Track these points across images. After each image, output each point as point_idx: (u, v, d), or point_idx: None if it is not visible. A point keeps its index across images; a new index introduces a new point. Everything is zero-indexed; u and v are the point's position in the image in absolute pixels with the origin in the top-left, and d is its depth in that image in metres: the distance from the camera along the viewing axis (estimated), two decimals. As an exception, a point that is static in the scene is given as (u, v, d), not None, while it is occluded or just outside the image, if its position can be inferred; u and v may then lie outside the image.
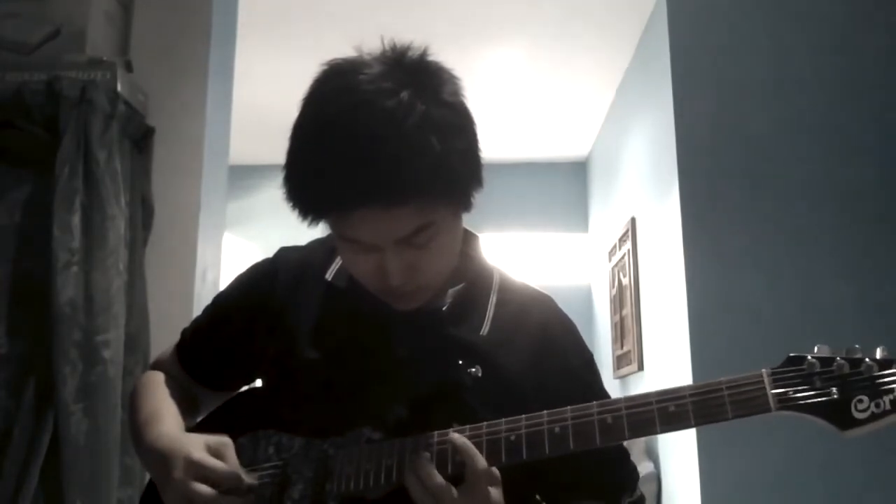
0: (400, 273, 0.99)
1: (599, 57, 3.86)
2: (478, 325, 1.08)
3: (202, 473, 0.96)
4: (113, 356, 1.90)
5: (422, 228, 0.96)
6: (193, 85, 2.30)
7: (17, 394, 1.84)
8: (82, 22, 2.13)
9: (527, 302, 1.14)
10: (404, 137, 0.92)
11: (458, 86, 1.01)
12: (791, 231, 2.83)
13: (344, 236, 1.00)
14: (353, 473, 0.98)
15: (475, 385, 1.00)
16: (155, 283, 2.12)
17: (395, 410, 0.99)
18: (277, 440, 1.07)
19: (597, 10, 3.44)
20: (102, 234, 1.93)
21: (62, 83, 1.98)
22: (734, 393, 0.87)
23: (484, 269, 1.14)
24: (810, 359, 0.86)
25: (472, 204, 1.02)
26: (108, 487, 1.85)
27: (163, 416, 1.11)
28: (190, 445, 0.99)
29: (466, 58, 3.78)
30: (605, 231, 4.54)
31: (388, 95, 0.93)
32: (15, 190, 1.96)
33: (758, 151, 2.91)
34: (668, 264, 3.09)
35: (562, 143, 4.99)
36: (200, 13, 2.37)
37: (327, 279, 1.13)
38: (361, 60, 0.98)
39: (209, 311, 1.25)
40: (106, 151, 1.98)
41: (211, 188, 2.31)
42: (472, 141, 1.01)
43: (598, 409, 0.92)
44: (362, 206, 0.93)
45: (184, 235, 2.21)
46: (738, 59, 2.99)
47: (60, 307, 1.85)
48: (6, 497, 1.76)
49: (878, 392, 0.83)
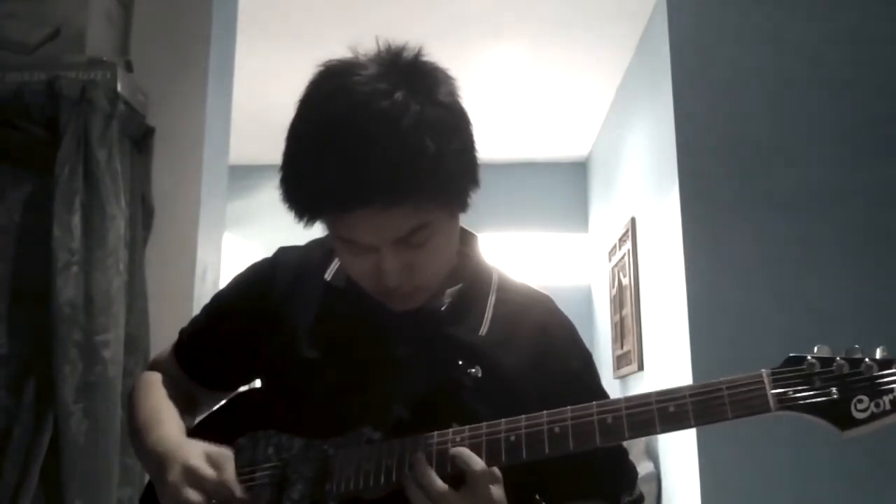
0: (397, 273, 0.99)
1: (600, 56, 3.86)
2: (476, 325, 1.08)
3: (197, 481, 0.96)
4: (113, 356, 1.90)
5: (418, 229, 0.96)
6: (193, 85, 2.31)
7: (17, 394, 1.84)
8: (82, 22, 2.13)
9: (526, 302, 1.14)
10: (399, 138, 0.92)
11: (453, 86, 1.01)
12: (791, 231, 2.83)
13: (340, 237, 1.00)
14: (352, 474, 0.98)
15: (475, 385, 0.99)
16: (155, 283, 2.12)
17: (395, 411, 0.99)
18: (277, 440, 1.06)
19: (597, 9, 3.43)
20: (102, 234, 1.93)
21: (62, 83, 1.98)
22: (734, 393, 0.87)
23: (482, 269, 1.14)
24: (810, 359, 0.86)
25: (468, 204, 1.02)
26: (108, 487, 1.86)
27: (163, 418, 1.11)
28: (190, 452, 1.00)
29: (466, 57, 3.78)
30: (605, 231, 4.54)
31: (382, 96, 0.93)
32: (15, 190, 1.96)
33: (758, 151, 2.91)
34: (668, 264, 3.09)
35: (562, 143, 4.99)
36: (200, 13, 2.37)
37: (326, 279, 1.13)
38: (356, 61, 0.99)
39: (207, 310, 1.25)
40: (106, 151, 1.98)
41: (211, 188, 2.31)
42: (467, 141, 1.01)
43: (598, 410, 0.92)
44: (358, 206, 0.93)
45: (184, 235, 2.21)
46: (738, 58, 2.99)
47: (60, 307, 1.85)
48: (6, 497, 1.76)
49: (877, 392, 0.83)
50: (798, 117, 2.92)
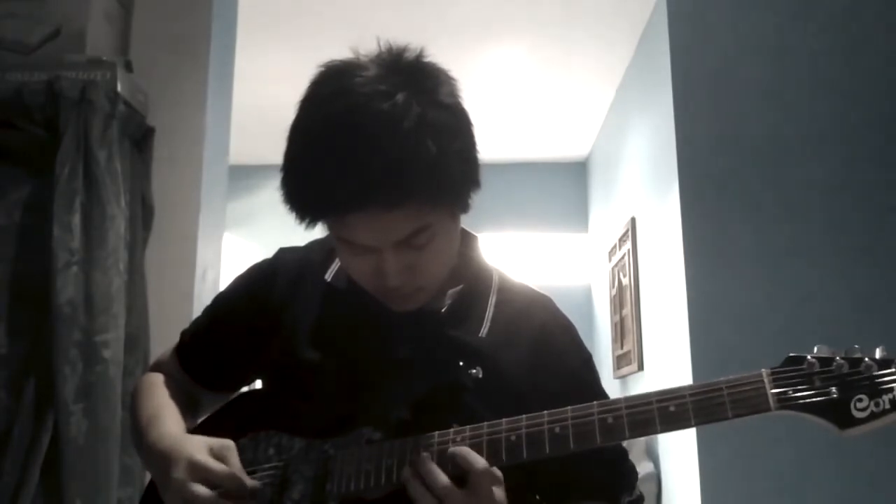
0: (397, 275, 0.99)
1: (599, 57, 3.86)
2: (477, 326, 1.08)
3: (203, 475, 0.96)
4: (113, 356, 1.90)
5: (419, 231, 0.96)
6: (193, 85, 2.30)
7: (17, 394, 1.84)
8: (82, 22, 2.13)
9: (526, 303, 1.14)
10: (401, 140, 0.91)
11: (454, 87, 1.00)
12: (791, 231, 2.83)
13: (341, 238, 1.00)
14: (353, 474, 0.98)
15: (476, 386, 0.99)
16: (155, 283, 2.12)
17: (396, 411, 0.99)
18: (278, 441, 1.06)
19: (597, 9, 3.44)
20: (102, 234, 1.93)
21: (62, 83, 1.98)
22: (734, 393, 0.87)
23: (483, 270, 1.14)
24: (810, 358, 0.87)
25: (469, 205, 1.02)
26: (108, 487, 1.85)
27: (164, 417, 1.11)
28: (192, 447, 0.99)
29: (466, 57, 3.78)
30: (605, 231, 4.54)
31: (384, 98, 0.93)
32: (15, 190, 1.96)
33: (757, 151, 2.91)
34: (668, 264, 3.09)
35: (562, 143, 4.99)
36: (200, 13, 2.37)
37: (326, 280, 1.13)
38: (357, 62, 0.98)
39: (209, 311, 1.25)
40: (106, 151, 1.98)
41: (211, 188, 2.31)
42: (469, 142, 1.01)
43: (599, 410, 0.92)
44: (359, 209, 0.93)
45: (184, 235, 2.21)
46: (738, 59, 2.99)
47: (60, 307, 1.85)
48: (6, 497, 1.76)
49: (877, 391, 0.83)
50: (798, 117, 2.92)
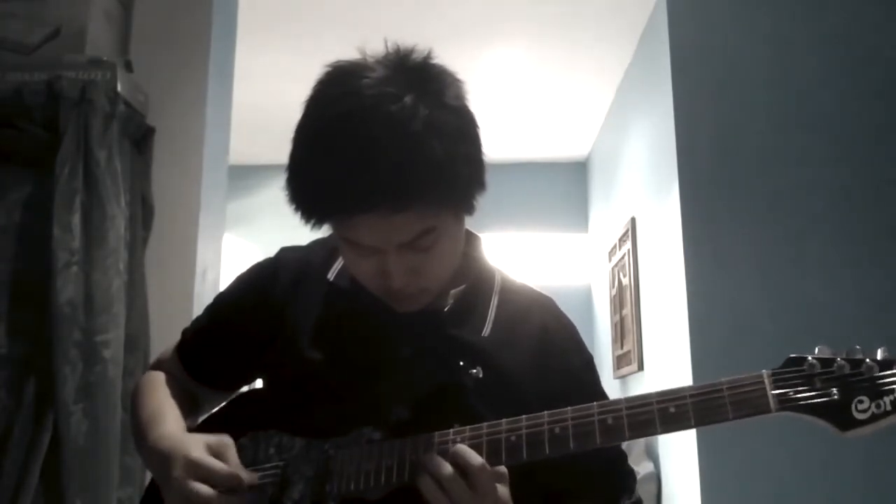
0: (402, 276, 0.99)
1: (599, 57, 3.86)
2: (479, 326, 1.08)
3: (201, 473, 0.96)
4: (113, 356, 1.90)
5: (424, 233, 0.96)
6: (193, 85, 2.30)
7: (17, 394, 1.84)
8: (82, 22, 2.13)
9: (528, 303, 1.14)
10: (407, 143, 0.91)
11: (461, 89, 1.00)
12: (791, 231, 2.83)
13: (346, 238, 1.00)
14: (353, 473, 0.98)
15: (476, 386, 1.00)
16: (155, 283, 2.12)
17: (397, 411, 0.99)
18: (278, 440, 1.06)
19: (597, 9, 3.43)
20: (102, 234, 1.93)
21: (62, 83, 1.98)
22: (735, 394, 0.87)
23: (485, 271, 1.14)
24: (811, 359, 0.86)
25: (474, 207, 1.02)
26: (108, 487, 1.85)
27: (165, 417, 1.11)
28: (190, 445, 0.99)
29: (466, 57, 3.78)
30: (605, 231, 4.54)
31: (391, 100, 0.92)
32: (15, 190, 1.96)
33: (758, 151, 2.91)
34: (668, 264, 3.09)
35: (562, 143, 4.99)
36: (200, 13, 2.37)
37: (329, 279, 1.13)
38: (364, 63, 0.98)
39: (210, 310, 1.25)
40: (106, 151, 1.98)
41: (211, 188, 2.31)
42: (475, 145, 1.01)
43: (599, 410, 0.92)
44: (365, 211, 0.93)
45: (184, 235, 2.21)
46: (738, 58, 2.99)
47: (60, 307, 1.84)
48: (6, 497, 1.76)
49: (878, 392, 0.83)
50: (797, 117, 2.92)
